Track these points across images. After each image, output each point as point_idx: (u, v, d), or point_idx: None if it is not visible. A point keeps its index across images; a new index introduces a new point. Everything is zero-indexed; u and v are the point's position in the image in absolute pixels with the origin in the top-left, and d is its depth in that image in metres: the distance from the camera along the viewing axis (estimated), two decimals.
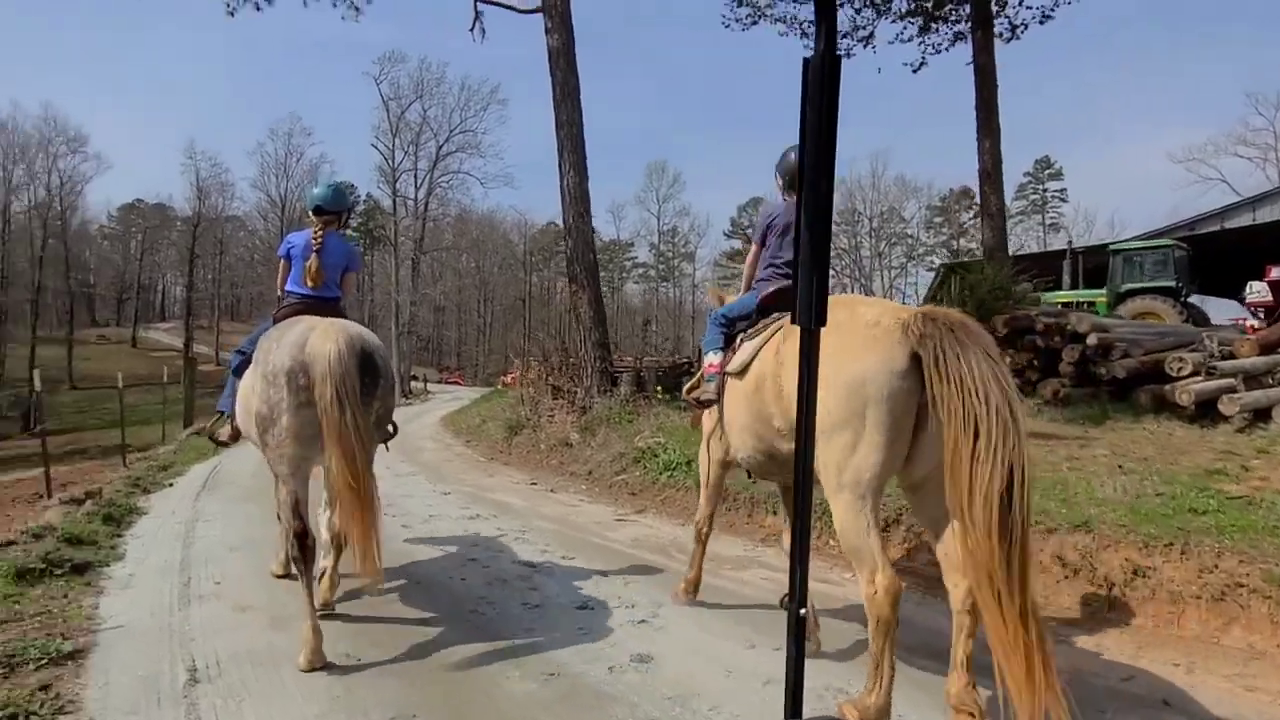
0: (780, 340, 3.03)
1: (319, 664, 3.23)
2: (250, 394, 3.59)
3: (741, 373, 3.32)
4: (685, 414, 8.67)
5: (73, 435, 42.86)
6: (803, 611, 1.20)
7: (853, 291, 52.00)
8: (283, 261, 4.19)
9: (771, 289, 3.53)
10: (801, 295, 1.06)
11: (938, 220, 59.60)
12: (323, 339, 3.33)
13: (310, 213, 4.23)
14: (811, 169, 1.03)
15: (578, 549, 5.50)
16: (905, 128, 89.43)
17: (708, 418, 3.85)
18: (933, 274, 27.84)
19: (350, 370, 3.27)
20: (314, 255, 4.05)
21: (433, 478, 9.01)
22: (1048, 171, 57.82)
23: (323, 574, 4.02)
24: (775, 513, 6.12)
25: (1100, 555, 4.21)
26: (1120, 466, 5.83)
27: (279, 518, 3.85)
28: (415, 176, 39.82)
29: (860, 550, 2.50)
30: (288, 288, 4.14)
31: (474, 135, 40.89)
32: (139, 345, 58.77)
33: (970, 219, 60.04)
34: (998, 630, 2.11)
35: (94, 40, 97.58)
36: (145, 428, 30.10)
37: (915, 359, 2.43)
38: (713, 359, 3.70)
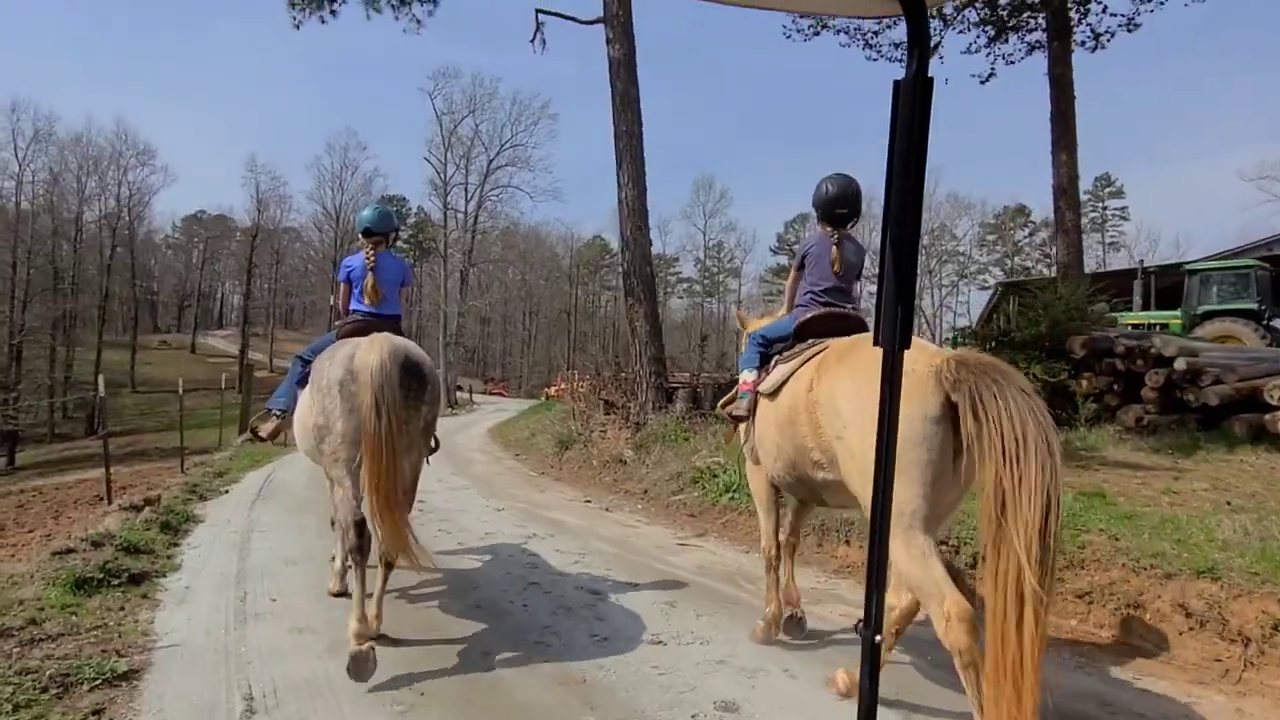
0: (815, 375, 3.09)
1: (365, 644, 3.31)
2: (307, 412, 3.80)
3: (773, 394, 3.43)
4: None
5: (133, 437, 44.16)
6: (878, 639, 1.19)
7: None
8: (343, 285, 4.41)
9: (808, 315, 3.61)
10: (885, 316, 1.04)
11: (990, 238, 58.16)
12: (368, 351, 3.51)
13: (360, 235, 4.45)
14: (899, 190, 1.01)
15: (641, 575, 5.22)
16: (958, 144, 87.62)
17: (743, 432, 3.95)
18: (989, 292, 26.99)
19: (391, 379, 3.42)
20: (370, 274, 4.27)
21: (485, 492, 8.83)
22: (1108, 189, 55.99)
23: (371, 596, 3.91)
24: (848, 542, 5.77)
25: (1231, 606, 3.77)
26: (1228, 503, 5.35)
27: (332, 525, 3.85)
28: (466, 189, 40.34)
29: (922, 583, 2.51)
30: (352, 307, 4.34)
31: (524, 149, 41.25)
32: (197, 351, 60.55)
33: (1025, 236, 58.50)
34: (1009, 654, 2.18)
35: (164, 57, 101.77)
36: (202, 431, 30.83)
37: (947, 403, 2.52)
38: (748, 377, 3.78)
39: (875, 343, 1.15)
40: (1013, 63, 12.62)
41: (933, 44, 12.85)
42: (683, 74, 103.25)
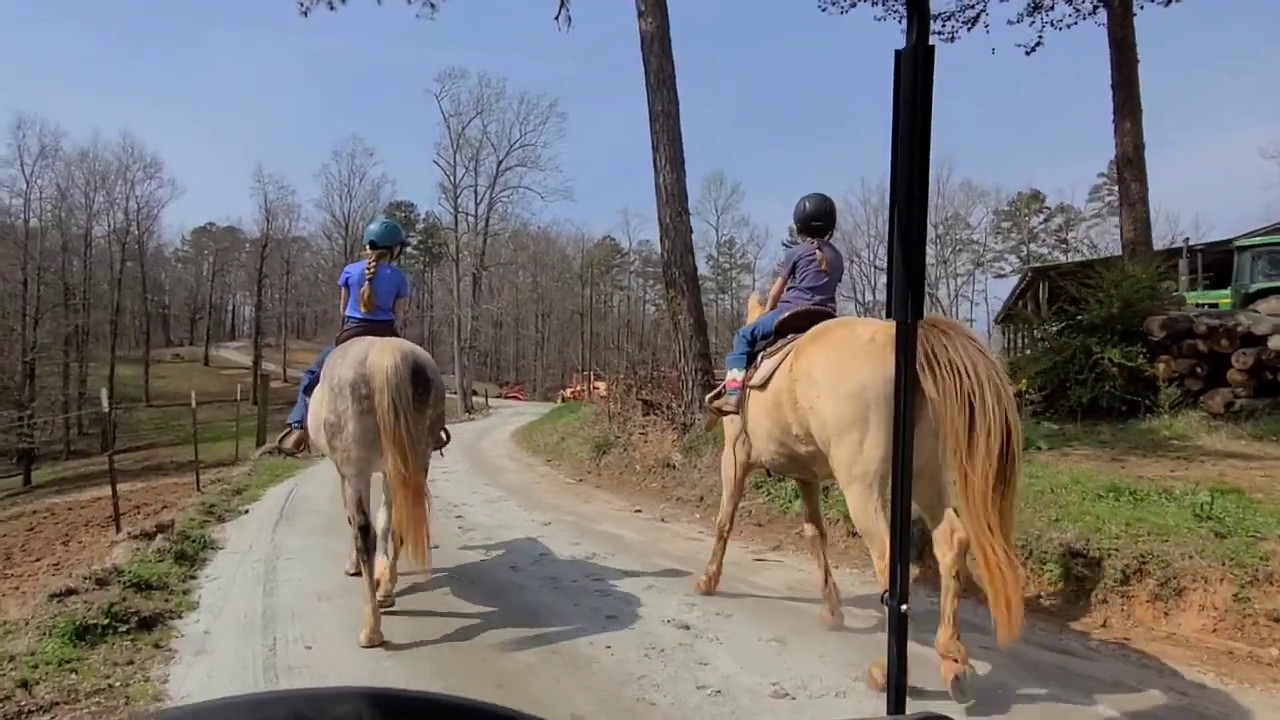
0: (793, 358, 3.44)
1: (378, 641, 3.59)
2: (320, 406, 3.97)
3: (763, 386, 3.74)
4: None
5: (149, 451, 43.71)
6: (904, 608, 1.18)
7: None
8: (343, 290, 4.63)
9: (788, 313, 3.91)
10: (896, 289, 1.03)
11: (1005, 225, 57.08)
12: (380, 354, 3.69)
13: (366, 246, 4.68)
14: (905, 162, 1.00)
15: (730, 602, 4.47)
16: (971, 130, 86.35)
17: (729, 425, 4.28)
18: (1005, 279, 26.11)
19: (404, 380, 3.63)
20: (367, 283, 4.48)
21: (525, 503, 8.10)
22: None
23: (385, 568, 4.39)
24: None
25: None
26: None
27: (349, 521, 4.01)
28: (475, 192, 39.65)
29: (871, 531, 2.96)
30: (347, 313, 4.57)
31: (533, 149, 40.51)
32: (211, 364, 60.18)
33: (1040, 223, 57.39)
34: (989, 556, 2.61)
35: (166, 70, 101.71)
36: (218, 444, 30.31)
37: None
38: (735, 374, 4.07)
39: (888, 315, 1.14)
40: (1062, 28, 11.81)
41: (975, 13, 12.07)
42: (689, 69, 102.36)
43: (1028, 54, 12.19)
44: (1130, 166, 10.14)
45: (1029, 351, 10.72)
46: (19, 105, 71.69)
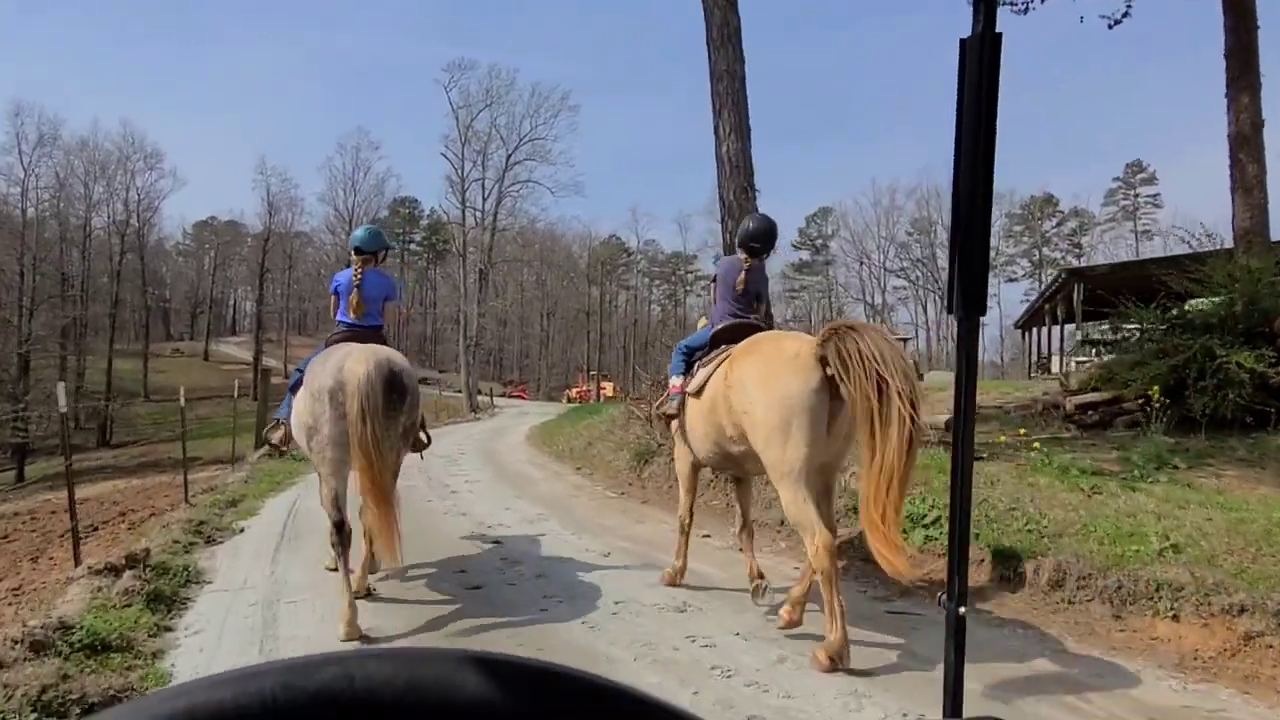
0: (727, 368, 3.82)
1: (355, 636, 3.72)
2: (301, 408, 4.10)
3: (698, 393, 4.13)
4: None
5: (146, 447, 42.64)
6: (962, 611, 1.14)
7: (929, 303, 48.86)
8: (333, 297, 4.77)
9: (721, 325, 4.32)
10: (958, 284, 0.99)
11: (1018, 229, 55.89)
12: (355, 363, 3.84)
13: (352, 253, 4.78)
14: (968, 155, 0.97)
15: (896, 683, 3.21)
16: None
17: (675, 428, 4.57)
18: (1054, 279, 24.88)
19: (376, 389, 3.76)
20: (355, 290, 4.58)
21: (569, 524, 6.82)
22: (1140, 176, 53.57)
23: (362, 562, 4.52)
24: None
25: None
26: None
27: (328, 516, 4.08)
28: (483, 186, 38.27)
29: (801, 520, 3.41)
30: (337, 318, 4.71)
31: (544, 143, 39.12)
32: (211, 359, 58.83)
33: (1052, 227, 56.24)
34: (875, 524, 3.06)
35: (169, 59, 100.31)
36: (216, 440, 28.99)
37: (824, 377, 3.34)
38: (675, 381, 4.42)
39: (949, 311, 1.10)
40: None
41: None
42: (694, 70, 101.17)
43: (1111, 27, 10.93)
44: (1246, 146, 8.90)
45: (1112, 354, 9.44)
46: (17, 94, 70.09)
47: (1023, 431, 7.60)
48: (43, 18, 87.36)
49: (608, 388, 47.23)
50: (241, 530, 6.44)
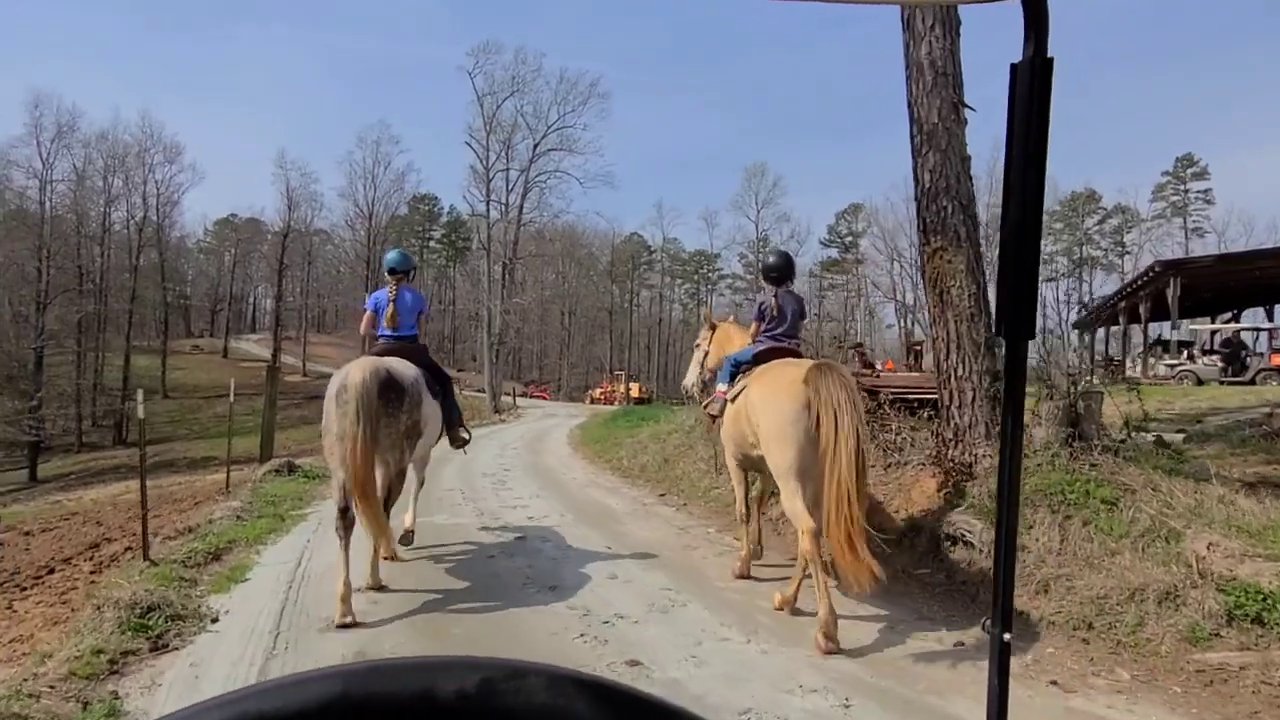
0: (751, 384, 4.60)
1: (348, 618, 4.05)
2: (323, 416, 4.58)
3: (735, 399, 4.83)
4: (1265, 503, 4.01)
5: (163, 445, 40.85)
6: (1007, 637, 1.04)
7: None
8: (369, 313, 5.38)
9: (762, 348, 4.94)
10: (1007, 309, 0.94)
11: (1057, 226, 52.97)
12: (356, 370, 4.36)
13: (387, 274, 5.42)
14: (1019, 178, 0.92)
15: None
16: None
17: (716, 427, 5.38)
18: (1144, 273, 22.25)
19: (370, 393, 4.26)
20: (390, 305, 5.25)
21: (722, 611, 4.40)
22: (1191, 170, 50.41)
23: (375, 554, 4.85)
24: None
25: None
26: None
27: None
28: (508, 177, 35.91)
29: (792, 511, 4.06)
30: (378, 332, 5.31)
31: (573, 131, 36.68)
32: (230, 356, 57.00)
33: (1094, 224, 53.28)
34: (836, 537, 3.67)
35: (191, 58, 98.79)
36: (237, 439, 26.80)
37: (806, 399, 4.02)
38: (722, 388, 5.14)
39: (996, 333, 1.21)
40: None
41: None
42: (729, 63, 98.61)
43: None
44: None
45: None
46: (36, 85, 68.19)
47: None
48: (57, 5, 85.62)
49: (636, 388, 44.89)
50: (215, 621, 4.06)
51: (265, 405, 9.97)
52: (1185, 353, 20.75)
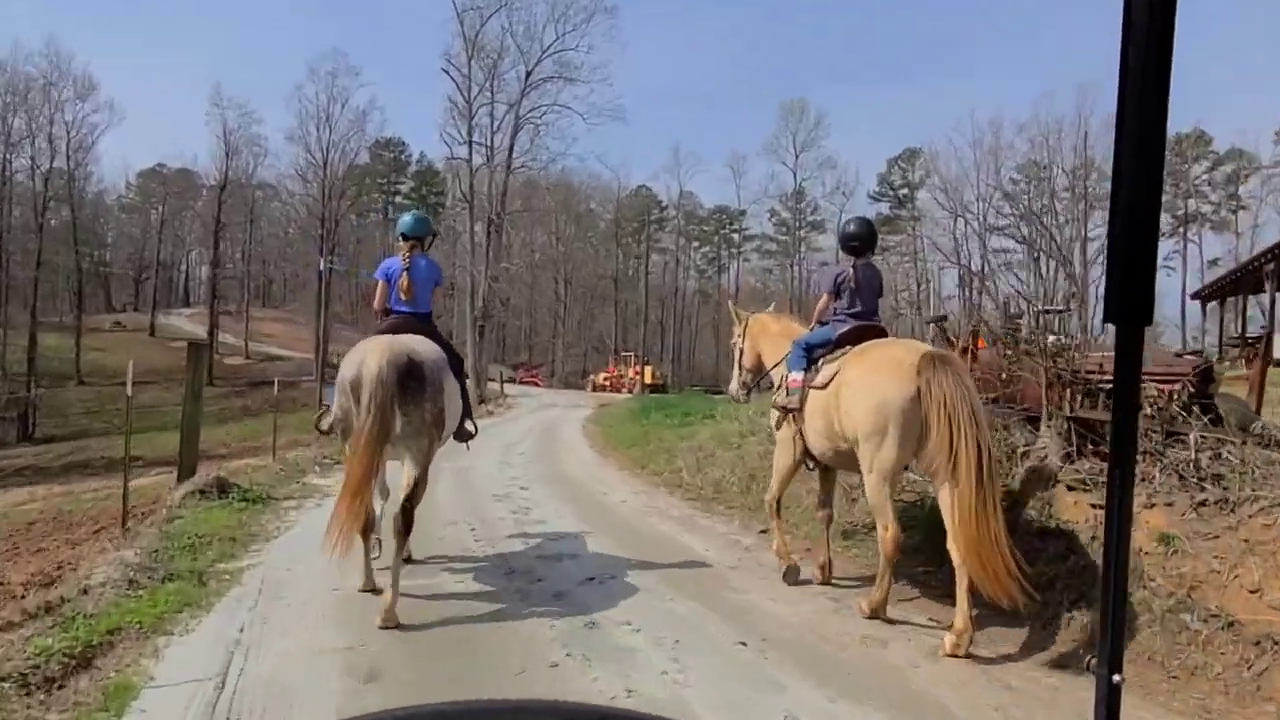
0: (844, 367, 4.78)
1: (370, 587, 4.93)
2: (335, 406, 4.95)
3: (823, 386, 4.92)
4: None
5: (76, 443, 39.55)
6: (1116, 679, 1.06)
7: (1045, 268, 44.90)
8: (380, 283, 5.54)
9: (846, 328, 5.11)
10: (1117, 288, 0.96)
11: None
12: (372, 356, 4.54)
13: (399, 239, 5.61)
14: (1134, 124, 0.90)
15: None
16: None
17: (788, 423, 5.47)
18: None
19: (387, 383, 4.44)
20: (404, 274, 5.35)
21: None
22: None
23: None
24: None
25: None
26: None
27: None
28: (493, 113, 34.02)
29: (879, 507, 4.45)
30: (390, 305, 5.44)
31: (574, 55, 34.65)
32: (157, 334, 55.61)
33: (1202, 173, 51.45)
34: (971, 543, 3.86)
35: None
36: (163, 435, 25.26)
37: (917, 389, 4.20)
38: (797, 376, 5.24)
39: (1105, 318, 1.03)
40: None
41: None
42: None
43: None
44: None
45: None
46: None
47: None
48: None
49: (646, 371, 43.49)
50: None
51: (186, 398, 8.29)
52: None
